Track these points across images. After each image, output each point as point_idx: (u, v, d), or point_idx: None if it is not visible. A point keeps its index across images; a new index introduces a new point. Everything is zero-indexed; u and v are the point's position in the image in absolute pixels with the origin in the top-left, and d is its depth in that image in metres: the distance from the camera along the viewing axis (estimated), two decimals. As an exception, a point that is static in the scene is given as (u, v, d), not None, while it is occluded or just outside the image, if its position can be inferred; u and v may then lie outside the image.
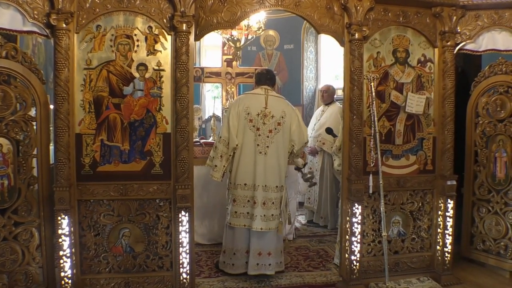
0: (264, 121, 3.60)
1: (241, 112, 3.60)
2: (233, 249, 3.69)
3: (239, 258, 3.67)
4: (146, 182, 3.18)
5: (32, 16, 2.89)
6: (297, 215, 5.53)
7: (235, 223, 3.62)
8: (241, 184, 3.60)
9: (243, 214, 3.60)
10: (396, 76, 3.62)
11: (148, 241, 3.25)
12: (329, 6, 3.41)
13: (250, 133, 3.59)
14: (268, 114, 3.61)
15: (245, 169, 3.59)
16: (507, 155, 3.80)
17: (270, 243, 3.67)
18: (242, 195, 3.60)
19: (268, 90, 3.71)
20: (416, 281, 3.59)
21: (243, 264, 3.67)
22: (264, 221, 3.56)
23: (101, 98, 3.10)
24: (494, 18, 3.67)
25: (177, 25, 3.07)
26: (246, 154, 3.59)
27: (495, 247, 3.88)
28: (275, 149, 3.61)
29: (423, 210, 3.76)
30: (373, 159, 3.53)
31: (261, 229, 3.55)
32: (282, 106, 3.68)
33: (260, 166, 3.57)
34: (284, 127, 3.64)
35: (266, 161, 3.58)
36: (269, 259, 3.66)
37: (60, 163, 2.98)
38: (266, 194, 3.59)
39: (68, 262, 3.01)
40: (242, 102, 3.65)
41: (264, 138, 3.59)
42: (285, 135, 3.65)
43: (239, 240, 3.67)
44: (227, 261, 3.72)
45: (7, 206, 2.98)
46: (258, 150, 3.58)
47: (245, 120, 3.59)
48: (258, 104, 3.63)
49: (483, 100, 3.93)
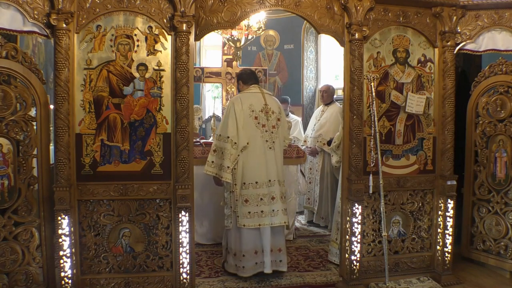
0: (267, 118, 3.65)
1: (246, 110, 3.60)
2: (242, 251, 3.61)
3: (249, 260, 3.61)
4: (146, 182, 3.18)
5: (32, 16, 2.90)
6: (297, 215, 5.52)
7: (249, 224, 3.55)
8: (252, 182, 3.57)
9: (257, 214, 3.55)
10: (396, 76, 3.62)
11: (148, 241, 3.25)
12: (329, 6, 3.41)
13: (256, 130, 3.61)
14: (269, 110, 3.68)
15: (255, 167, 3.57)
16: (507, 155, 3.80)
17: (281, 239, 3.72)
18: (255, 193, 3.56)
19: (261, 88, 3.81)
20: (416, 281, 3.59)
21: (253, 265, 3.63)
22: (285, 214, 3.63)
23: (101, 98, 3.10)
24: (494, 18, 3.67)
25: (177, 25, 3.07)
26: (255, 151, 3.58)
27: (495, 247, 3.88)
28: (279, 143, 3.70)
29: (423, 210, 3.76)
30: (373, 159, 3.53)
31: (284, 223, 3.61)
32: (277, 103, 3.81)
33: (271, 162, 3.61)
34: (281, 122, 3.75)
35: (276, 155, 3.65)
36: (280, 255, 3.70)
37: (60, 163, 2.98)
38: (281, 188, 3.66)
39: (68, 262, 3.01)
40: (245, 100, 3.65)
41: (270, 134, 3.65)
42: (283, 130, 3.78)
43: (248, 242, 3.60)
44: (238, 264, 3.64)
45: (7, 206, 2.98)
46: (267, 146, 3.62)
47: (250, 118, 3.60)
48: (259, 101, 3.68)
49: (483, 100, 3.93)
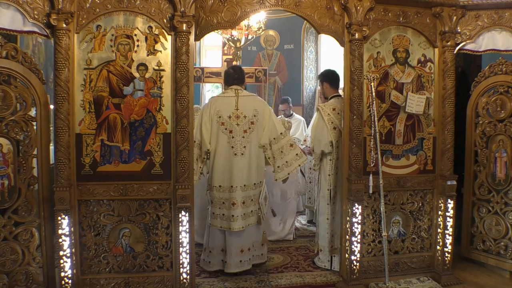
0: (237, 123, 3.64)
1: (213, 116, 3.64)
2: (209, 247, 3.78)
3: (215, 256, 3.76)
4: (146, 182, 3.18)
5: (32, 16, 2.90)
6: (297, 215, 5.52)
7: (213, 224, 3.71)
8: (216, 186, 3.67)
9: (219, 216, 3.67)
10: (396, 76, 3.62)
11: (148, 241, 3.25)
12: (329, 6, 3.41)
13: (223, 136, 3.63)
14: (240, 115, 3.66)
15: (220, 172, 3.64)
16: (507, 155, 3.80)
17: (249, 238, 3.74)
18: (218, 197, 3.67)
19: (238, 91, 3.74)
20: (416, 281, 3.59)
21: (219, 262, 3.76)
22: (243, 219, 3.64)
23: (101, 98, 3.10)
24: (494, 18, 3.67)
25: (177, 25, 3.07)
26: (220, 157, 3.63)
27: (495, 247, 3.88)
28: (252, 148, 3.67)
29: (423, 210, 3.76)
30: (373, 159, 3.53)
31: (242, 228, 3.62)
32: (253, 105, 3.72)
33: (237, 168, 3.61)
34: (257, 125, 3.70)
35: (244, 161, 3.63)
36: (249, 254, 3.74)
37: (60, 163, 2.98)
38: (245, 193, 3.65)
39: (68, 262, 3.01)
40: (213, 106, 3.68)
41: (240, 139, 3.63)
42: (259, 132, 3.71)
43: (215, 239, 3.76)
44: (206, 259, 3.81)
45: (7, 206, 2.97)
46: (233, 152, 3.62)
47: (217, 124, 3.63)
48: (229, 107, 3.66)
49: (483, 100, 3.93)
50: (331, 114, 3.88)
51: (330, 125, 3.86)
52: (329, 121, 3.87)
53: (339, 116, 3.83)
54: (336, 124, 3.85)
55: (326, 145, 3.87)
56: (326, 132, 3.87)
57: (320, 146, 3.91)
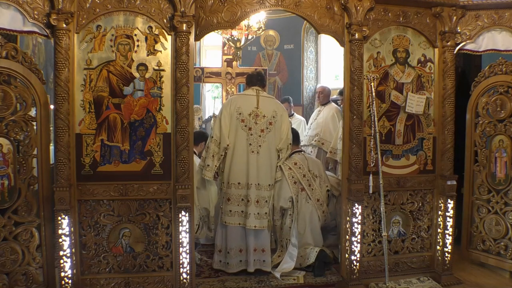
0: (256, 121, 3.66)
1: (233, 113, 3.66)
2: (227, 247, 3.73)
3: (233, 257, 3.72)
4: (146, 182, 3.18)
5: (32, 16, 2.90)
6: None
7: (230, 222, 3.67)
8: (234, 183, 3.66)
9: (237, 213, 3.66)
10: (396, 76, 3.62)
11: (148, 241, 3.25)
12: (329, 6, 3.41)
13: (242, 132, 3.64)
14: (259, 114, 3.68)
15: (238, 168, 3.64)
16: (507, 155, 3.80)
17: (264, 241, 3.73)
18: (236, 194, 3.65)
19: (259, 91, 3.78)
20: (416, 281, 3.59)
21: (237, 263, 3.72)
22: (257, 219, 3.63)
23: (101, 98, 3.10)
24: (494, 18, 3.67)
25: (177, 25, 3.07)
26: (238, 153, 3.64)
27: (495, 247, 3.88)
28: (267, 148, 3.68)
29: (423, 210, 3.76)
30: (373, 159, 3.54)
31: (255, 227, 3.61)
32: (273, 106, 3.76)
33: (253, 165, 3.62)
34: (275, 126, 3.71)
35: (258, 160, 3.64)
36: (263, 255, 3.72)
37: (60, 163, 2.98)
38: (259, 192, 3.65)
39: (68, 262, 3.02)
40: (234, 102, 3.71)
41: (256, 138, 3.65)
42: (276, 134, 3.72)
43: (233, 239, 3.71)
44: (223, 260, 3.75)
45: (7, 206, 2.98)
46: (250, 149, 3.63)
47: (237, 120, 3.65)
48: (250, 105, 3.69)
49: (483, 100, 3.93)
50: (292, 168, 3.85)
51: (290, 179, 3.83)
52: (290, 175, 3.83)
53: (300, 171, 3.85)
54: (297, 179, 3.84)
55: (285, 201, 3.82)
56: (286, 187, 3.81)
57: (279, 202, 3.84)
